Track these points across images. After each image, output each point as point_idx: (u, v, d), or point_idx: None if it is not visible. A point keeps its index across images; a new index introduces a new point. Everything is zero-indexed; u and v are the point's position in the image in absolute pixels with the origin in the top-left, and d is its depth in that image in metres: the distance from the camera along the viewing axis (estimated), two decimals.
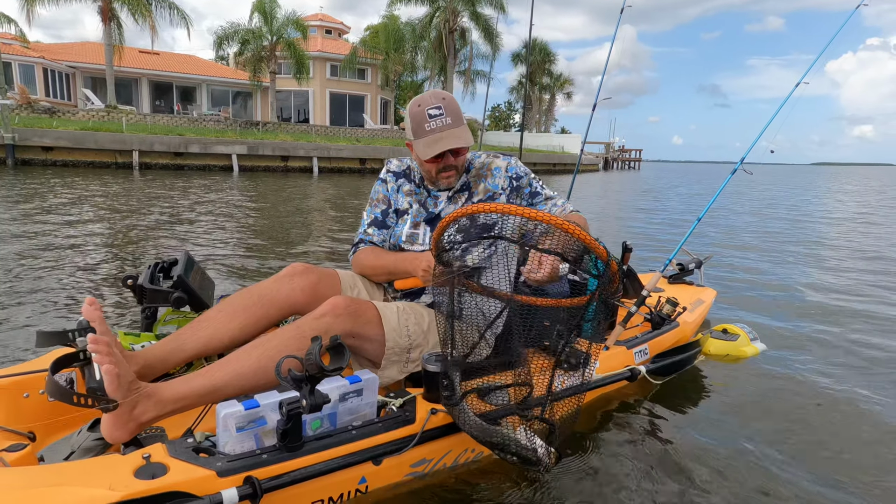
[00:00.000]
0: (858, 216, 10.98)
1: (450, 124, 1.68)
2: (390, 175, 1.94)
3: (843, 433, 2.01)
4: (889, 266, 5.43)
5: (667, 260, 2.57)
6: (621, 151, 51.00)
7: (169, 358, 1.50)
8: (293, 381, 1.13)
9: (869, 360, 2.76)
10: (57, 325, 2.76)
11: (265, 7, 23.71)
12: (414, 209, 1.87)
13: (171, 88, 27.21)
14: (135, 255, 4.69)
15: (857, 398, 2.28)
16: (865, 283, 4.57)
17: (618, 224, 8.58)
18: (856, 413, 2.16)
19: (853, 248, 6.68)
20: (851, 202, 15.35)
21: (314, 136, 22.64)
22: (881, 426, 2.06)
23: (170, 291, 1.72)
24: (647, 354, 2.32)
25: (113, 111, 20.01)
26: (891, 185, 27.49)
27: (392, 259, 1.80)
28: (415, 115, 1.71)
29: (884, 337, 3.11)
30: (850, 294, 4.18)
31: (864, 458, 1.84)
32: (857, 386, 2.40)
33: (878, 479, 1.70)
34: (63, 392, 1.14)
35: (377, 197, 1.94)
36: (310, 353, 1.12)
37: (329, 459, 1.29)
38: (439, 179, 1.80)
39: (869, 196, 18.41)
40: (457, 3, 26.98)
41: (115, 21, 20.03)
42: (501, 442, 1.44)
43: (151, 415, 1.27)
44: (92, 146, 15.76)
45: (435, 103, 1.68)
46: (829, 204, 14.58)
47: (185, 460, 1.16)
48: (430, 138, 1.69)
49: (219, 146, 17.89)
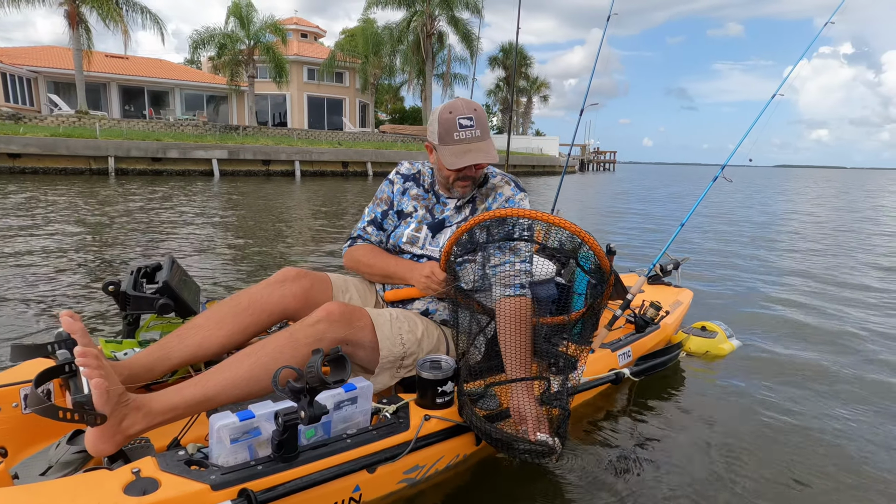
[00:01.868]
0: (813, 217, 11.28)
1: (479, 137, 1.67)
2: (399, 177, 1.94)
3: (815, 427, 2.07)
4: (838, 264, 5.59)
5: (651, 263, 2.61)
6: (596, 153, 51.54)
7: (155, 367, 1.46)
8: (292, 393, 1.11)
9: (838, 350, 2.92)
10: (32, 338, 2.69)
11: (241, 11, 23.47)
12: (420, 213, 1.87)
13: (141, 93, 26.60)
14: (114, 262, 4.57)
15: (829, 395, 2.36)
16: (829, 279, 4.76)
17: (598, 224, 8.67)
18: (828, 409, 2.23)
19: (813, 248, 6.88)
20: (806, 203, 15.80)
21: (296, 139, 22.45)
22: (853, 420, 2.14)
23: (155, 297, 1.68)
24: (631, 357, 2.34)
25: (84, 116, 19.53)
26: (846, 188, 28.44)
27: (392, 262, 1.79)
28: (444, 122, 1.68)
29: (845, 325, 3.28)
30: (813, 289, 4.38)
31: (835, 451, 1.90)
32: (828, 381, 2.50)
33: (848, 473, 1.76)
34: (48, 407, 1.10)
35: (381, 196, 1.93)
36: (311, 366, 1.10)
37: (324, 469, 1.27)
38: (455, 187, 1.79)
39: (836, 199, 18.93)
40: (434, 7, 27.03)
41: (84, 25, 19.54)
42: (513, 440, 1.49)
43: (140, 427, 1.23)
44: (64, 152, 15.33)
45: (467, 113, 1.67)
46: (797, 206, 14.96)
47: (178, 474, 1.13)
48: (458, 147, 1.67)
49: (198, 151, 17.58)
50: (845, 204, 15.86)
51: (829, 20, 2.67)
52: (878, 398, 2.34)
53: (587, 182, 26.43)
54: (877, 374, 2.61)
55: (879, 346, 3.03)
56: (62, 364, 1.22)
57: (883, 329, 3.33)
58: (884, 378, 2.56)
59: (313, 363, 1.10)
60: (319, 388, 1.11)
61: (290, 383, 1.11)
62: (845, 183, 36.41)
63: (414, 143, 27.05)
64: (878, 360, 2.80)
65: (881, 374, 2.60)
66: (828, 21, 2.68)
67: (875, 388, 2.43)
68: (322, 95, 30.34)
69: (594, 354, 2.20)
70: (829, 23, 2.64)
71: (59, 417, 1.10)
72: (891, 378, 2.57)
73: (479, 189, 1.86)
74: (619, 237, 7.26)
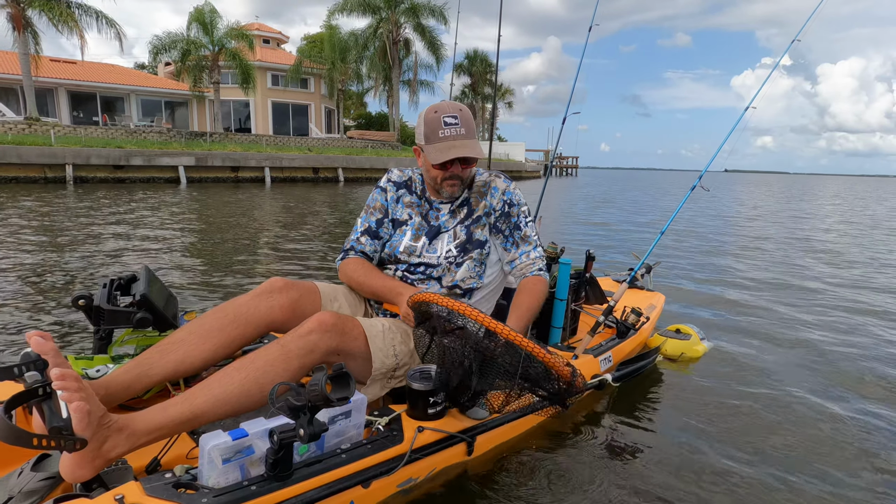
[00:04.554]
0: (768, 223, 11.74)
1: (464, 134, 1.69)
2: (391, 184, 1.91)
3: (788, 422, 2.16)
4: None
5: (633, 270, 2.64)
6: (559, 159, 52.39)
7: (133, 385, 1.39)
8: (290, 410, 1.06)
9: (805, 347, 3.08)
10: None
11: (205, 17, 23.01)
12: (415, 221, 1.85)
13: (92, 99, 25.55)
14: (79, 274, 4.36)
15: (799, 391, 2.46)
16: (784, 283, 4.95)
17: (567, 227, 8.79)
18: (801, 404, 2.32)
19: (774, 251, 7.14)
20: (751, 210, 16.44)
21: (265, 146, 22.10)
22: (823, 412, 2.24)
23: (131, 311, 1.60)
24: (612, 362, 2.36)
25: (35, 123, 18.70)
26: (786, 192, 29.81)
27: (380, 284, 1.76)
28: (430, 121, 1.70)
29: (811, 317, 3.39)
30: (774, 290, 4.56)
31: (811, 446, 1.98)
32: (798, 377, 2.62)
33: (825, 466, 1.83)
34: (19, 435, 1.01)
35: (374, 205, 1.90)
36: (315, 383, 1.05)
37: (320, 486, 1.23)
38: (444, 187, 1.78)
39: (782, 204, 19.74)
40: (400, 14, 27.05)
41: (30, 29, 18.69)
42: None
43: (122, 449, 1.16)
44: (15, 160, 14.64)
45: (452, 112, 1.69)
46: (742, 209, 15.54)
47: (167, 499, 1.07)
48: (443, 144, 1.68)
49: (164, 158, 17.13)
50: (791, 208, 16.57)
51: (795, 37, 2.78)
52: (843, 387, 2.49)
53: (554, 187, 26.81)
54: (842, 361, 2.82)
55: (838, 336, 3.22)
56: (35, 387, 1.14)
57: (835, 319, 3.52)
58: (847, 365, 2.77)
59: (317, 381, 1.05)
60: (321, 405, 1.07)
61: (288, 400, 1.07)
62: (790, 188, 38.16)
63: (384, 148, 26.94)
64: (841, 351, 2.99)
65: (846, 362, 2.81)
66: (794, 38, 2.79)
67: (840, 378, 2.61)
68: (287, 101, 29.95)
69: (577, 361, 2.21)
70: (795, 39, 2.75)
71: (34, 445, 1.02)
72: (852, 363, 2.76)
73: (470, 189, 1.85)
74: (581, 240, 7.38)
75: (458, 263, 1.79)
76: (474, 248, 1.81)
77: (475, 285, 1.83)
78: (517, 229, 1.85)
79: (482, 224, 1.83)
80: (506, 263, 1.88)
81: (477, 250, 1.81)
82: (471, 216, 1.83)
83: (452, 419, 1.61)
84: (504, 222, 1.84)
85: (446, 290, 1.80)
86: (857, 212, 15.78)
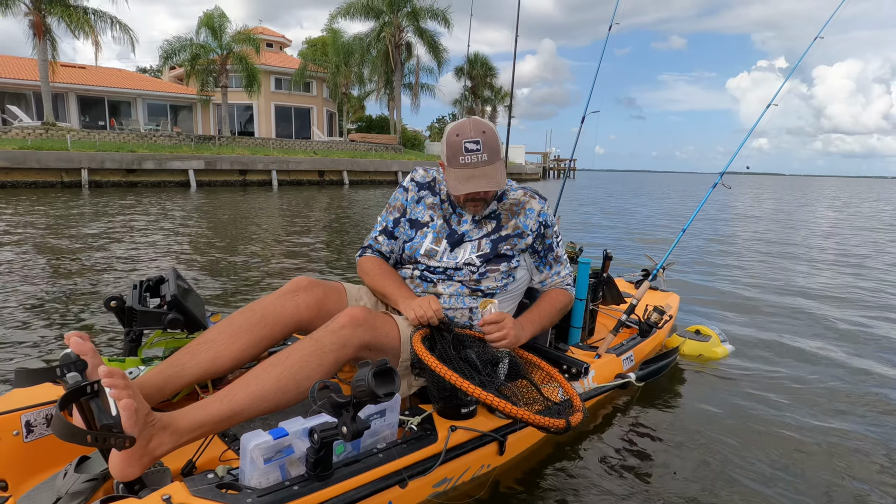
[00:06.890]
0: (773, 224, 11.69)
1: (485, 161, 1.61)
2: (413, 184, 1.87)
3: (802, 427, 2.11)
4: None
5: (655, 267, 2.63)
6: (557, 161, 52.25)
7: (166, 386, 1.39)
8: (332, 408, 1.06)
9: (828, 355, 2.97)
10: (21, 361, 2.54)
11: (214, 22, 23.14)
12: (437, 224, 1.80)
13: (100, 103, 25.67)
14: (103, 277, 4.36)
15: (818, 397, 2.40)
16: (806, 289, 4.90)
17: (595, 230, 8.77)
18: (819, 410, 2.27)
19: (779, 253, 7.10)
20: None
21: (272, 149, 22.17)
22: (848, 422, 2.18)
23: (163, 312, 1.60)
24: (633, 361, 2.36)
25: (52, 128, 18.81)
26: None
27: (392, 289, 1.72)
28: (451, 144, 1.63)
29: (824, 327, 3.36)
30: (794, 293, 4.52)
31: (831, 452, 1.93)
32: (815, 384, 2.55)
33: (845, 475, 1.79)
34: (75, 432, 1.03)
35: (395, 204, 1.88)
36: (360, 378, 1.05)
37: (360, 486, 1.23)
38: (466, 208, 1.76)
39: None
40: (402, 18, 27.08)
41: (49, 35, 18.83)
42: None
43: (167, 447, 1.17)
44: (35, 165, 14.74)
45: (474, 137, 1.60)
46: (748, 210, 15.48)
47: (212, 499, 1.07)
48: (462, 172, 1.62)
49: (175, 162, 17.18)
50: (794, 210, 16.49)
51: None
52: (867, 401, 2.38)
53: (552, 187, 26.80)
54: (865, 374, 2.69)
55: (865, 343, 3.15)
56: (84, 385, 1.14)
57: (861, 320, 3.46)
58: (873, 372, 2.66)
59: (363, 376, 1.05)
60: (367, 401, 1.07)
61: (331, 397, 1.06)
62: (791, 189, 37.88)
63: (387, 151, 26.96)
64: (866, 358, 2.89)
65: (870, 373, 2.69)
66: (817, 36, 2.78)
67: (864, 390, 2.50)
68: (290, 105, 30.03)
69: (600, 360, 2.20)
70: (819, 36, 2.75)
71: (88, 442, 1.03)
72: (875, 371, 2.67)
73: (500, 203, 1.80)
74: (599, 240, 7.37)
75: (480, 273, 1.74)
76: (500, 262, 1.75)
77: (498, 291, 1.79)
78: (550, 251, 1.85)
79: (511, 242, 1.77)
80: (537, 283, 1.91)
81: (504, 263, 1.76)
82: (499, 231, 1.78)
83: (483, 418, 1.60)
84: (539, 243, 1.82)
85: (469, 290, 1.76)
86: (862, 213, 15.68)
